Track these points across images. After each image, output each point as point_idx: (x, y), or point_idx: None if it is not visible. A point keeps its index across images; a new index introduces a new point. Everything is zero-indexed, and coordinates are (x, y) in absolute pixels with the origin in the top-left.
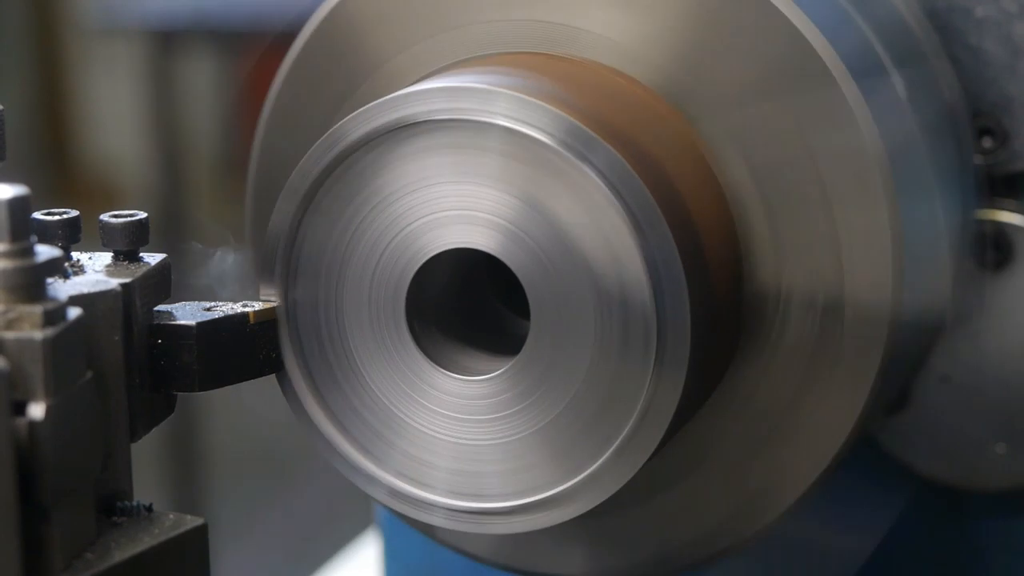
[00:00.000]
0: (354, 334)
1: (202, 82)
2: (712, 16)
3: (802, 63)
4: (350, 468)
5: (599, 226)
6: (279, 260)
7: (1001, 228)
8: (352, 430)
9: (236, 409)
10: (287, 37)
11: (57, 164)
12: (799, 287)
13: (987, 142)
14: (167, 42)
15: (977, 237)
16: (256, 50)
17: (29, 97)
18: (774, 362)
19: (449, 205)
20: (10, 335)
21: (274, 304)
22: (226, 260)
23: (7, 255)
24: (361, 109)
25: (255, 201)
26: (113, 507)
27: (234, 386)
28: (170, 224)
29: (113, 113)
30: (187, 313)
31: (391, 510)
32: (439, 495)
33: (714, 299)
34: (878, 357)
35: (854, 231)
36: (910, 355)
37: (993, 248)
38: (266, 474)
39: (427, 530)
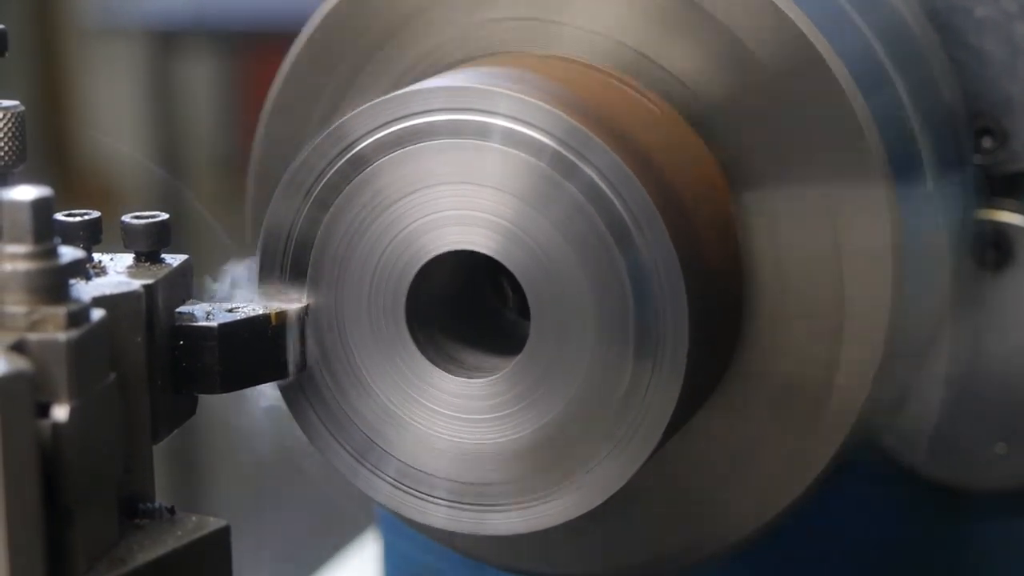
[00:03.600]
0: (354, 334)
1: (202, 82)
2: (712, 16)
3: (802, 63)
4: (350, 468)
5: (599, 226)
6: (279, 259)
7: (1001, 228)
8: (352, 430)
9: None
10: (287, 37)
11: (56, 164)
12: (799, 284)
13: (987, 142)
14: (167, 42)
15: (977, 237)
16: (256, 50)
17: (29, 97)
18: (774, 362)
19: (449, 205)
20: (34, 337)
21: (296, 305)
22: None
23: (31, 256)
24: (360, 108)
25: (256, 201)
26: (135, 509)
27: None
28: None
29: (113, 113)
30: (209, 314)
31: (391, 510)
32: (439, 495)
33: (713, 299)
34: (878, 356)
35: (854, 231)
36: (910, 355)
37: (993, 248)
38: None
39: (427, 530)
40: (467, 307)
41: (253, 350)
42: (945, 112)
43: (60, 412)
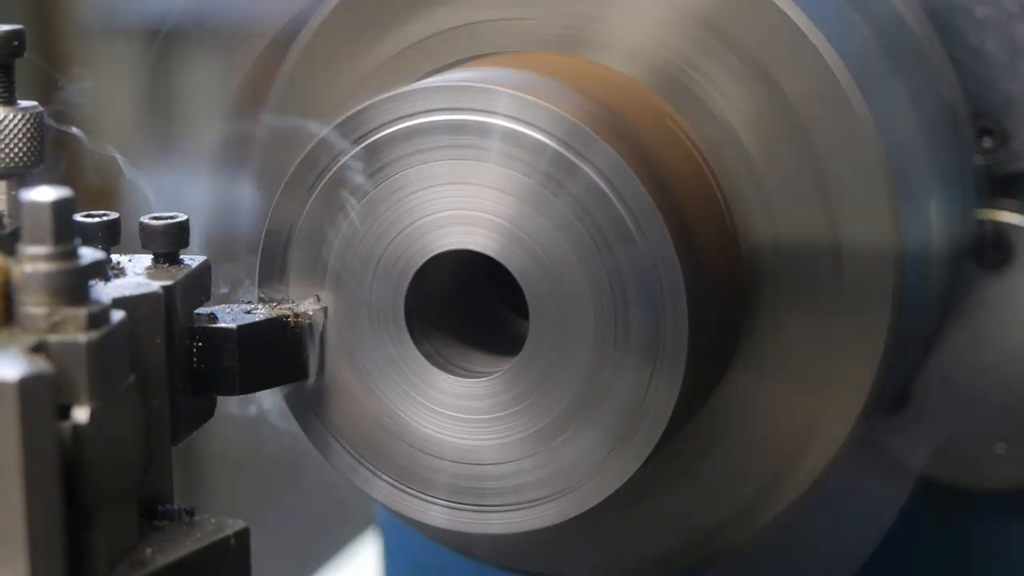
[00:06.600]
0: (354, 333)
1: (202, 82)
2: (712, 16)
3: (803, 63)
4: (350, 468)
5: (598, 226)
6: (281, 258)
7: (1001, 228)
8: (352, 430)
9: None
10: (287, 37)
11: (56, 163)
12: (799, 283)
13: (987, 142)
14: (167, 42)
15: (977, 237)
16: (256, 50)
17: (28, 97)
18: (774, 363)
19: (449, 205)
20: (55, 338)
21: (316, 307)
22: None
23: (51, 257)
24: (360, 107)
25: (257, 199)
26: (155, 511)
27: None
28: None
29: (113, 113)
30: (228, 315)
31: (391, 510)
32: (439, 495)
33: (713, 299)
34: (878, 358)
35: (855, 231)
36: (910, 355)
37: (993, 248)
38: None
39: (427, 530)
40: (467, 307)
41: (272, 351)
42: (945, 112)
43: (80, 414)
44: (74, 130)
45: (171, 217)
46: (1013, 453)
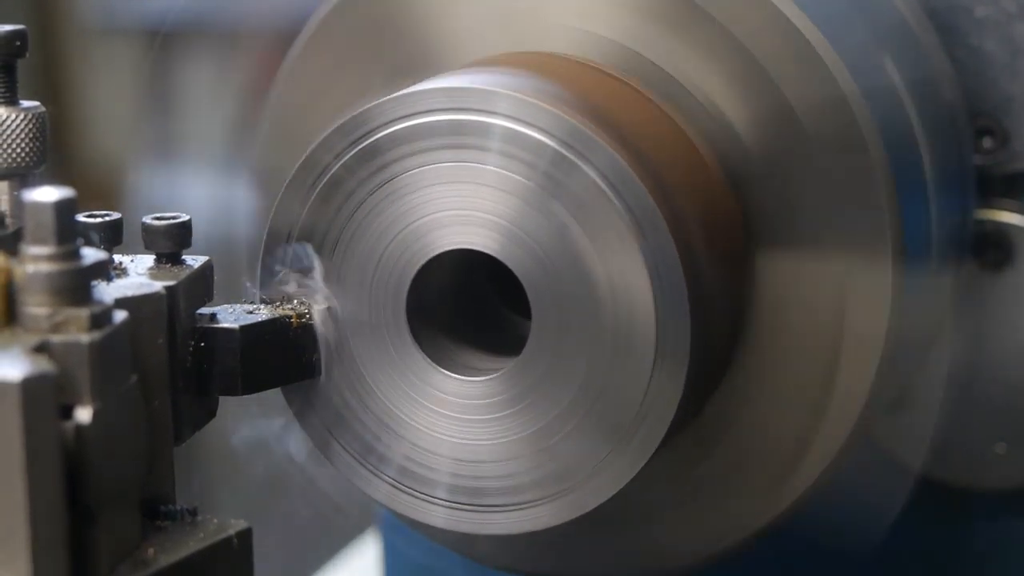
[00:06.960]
0: (354, 333)
1: (202, 82)
2: (711, 16)
3: (802, 63)
4: (350, 468)
5: (599, 226)
6: (282, 258)
7: (1001, 228)
8: (352, 430)
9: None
10: (287, 37)
11: (56, 164)
12: (799, 284)
13: (987, 142)
14: (167, 42)
15: (977, 237)
16: (256, 50)
17: (28, 97)
18: (773, 364)
19: (450, 205)
20: (57, 338)
21: (319, 306)
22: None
23: (53, 258)
24: (361, 109)
25: (258, 199)
26: (157, 511)
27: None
28: None
29: (113, 113)
30: (230, 316)
31: (391, 510)
32: (439, 495)
33: (714, 299)
34: (877, 357)
35: (854, 230)
36: (909, 355)
37: (993, 248)
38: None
39: (427, 530)
40: (467, 307)
41: (275, 351)
42: (945, 112)
43: (83, 414)
44: None
45: (173, 217)
46: (1013, 453)
